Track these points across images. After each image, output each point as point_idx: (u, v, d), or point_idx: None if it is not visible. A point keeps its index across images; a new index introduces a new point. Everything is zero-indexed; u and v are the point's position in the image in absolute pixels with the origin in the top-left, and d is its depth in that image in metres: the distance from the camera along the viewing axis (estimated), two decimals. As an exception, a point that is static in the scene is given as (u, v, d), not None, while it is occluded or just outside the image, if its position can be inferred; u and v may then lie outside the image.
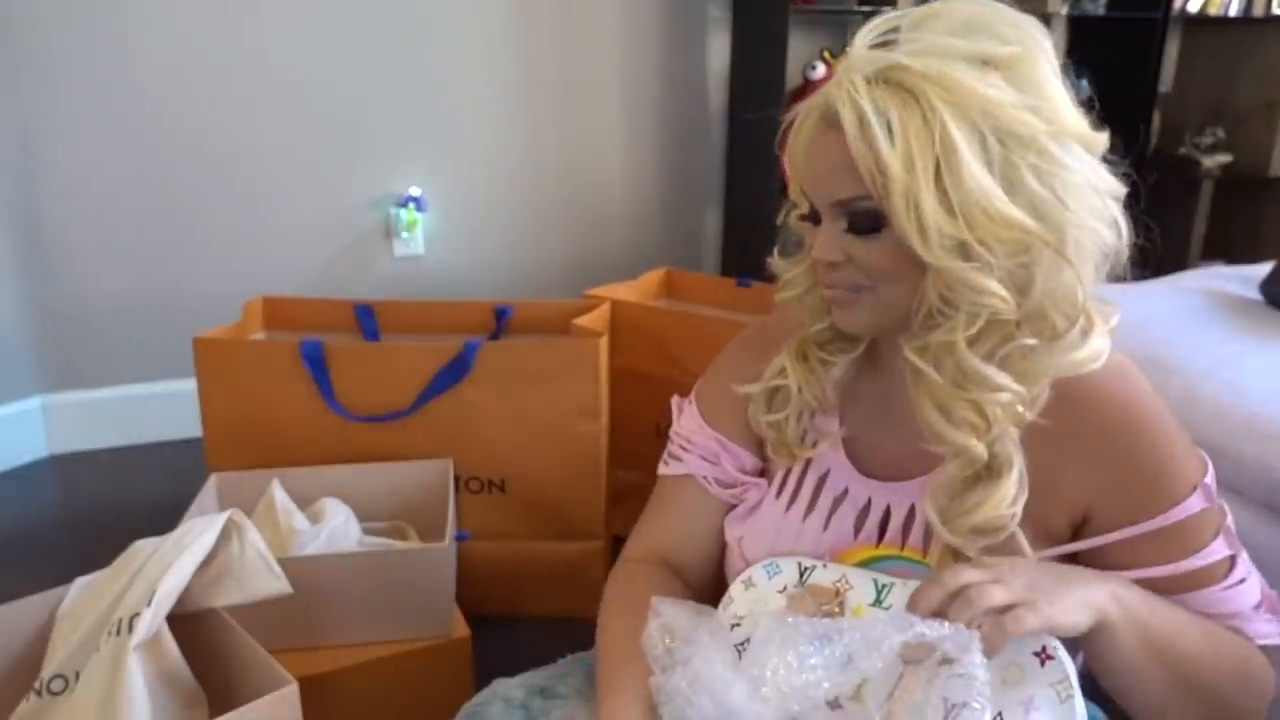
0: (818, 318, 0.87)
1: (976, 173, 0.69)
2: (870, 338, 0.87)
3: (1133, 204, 0.76)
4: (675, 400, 0.99)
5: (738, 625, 0.77)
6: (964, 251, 0.71)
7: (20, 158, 2.20)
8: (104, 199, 2.29)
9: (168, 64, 2.27)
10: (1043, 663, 0.68)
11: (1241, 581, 0.78)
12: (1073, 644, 0.72)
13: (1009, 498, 0.75)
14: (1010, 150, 0.70)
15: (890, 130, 0.70)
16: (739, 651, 0.74)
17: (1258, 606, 0.79)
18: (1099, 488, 0.77)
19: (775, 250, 0.90)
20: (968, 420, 0.75)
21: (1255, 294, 1.80)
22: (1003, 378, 0.74)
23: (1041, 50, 0.73)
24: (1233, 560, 0.78)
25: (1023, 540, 0.76)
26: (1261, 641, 0.79)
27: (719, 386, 0.94)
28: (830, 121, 0.74)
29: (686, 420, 0.96)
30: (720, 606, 0.84)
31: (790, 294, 0.88)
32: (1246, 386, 1.41)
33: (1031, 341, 0.74)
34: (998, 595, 0.67)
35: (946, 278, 0.72)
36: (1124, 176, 0.76)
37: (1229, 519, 0.79)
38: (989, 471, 0.76)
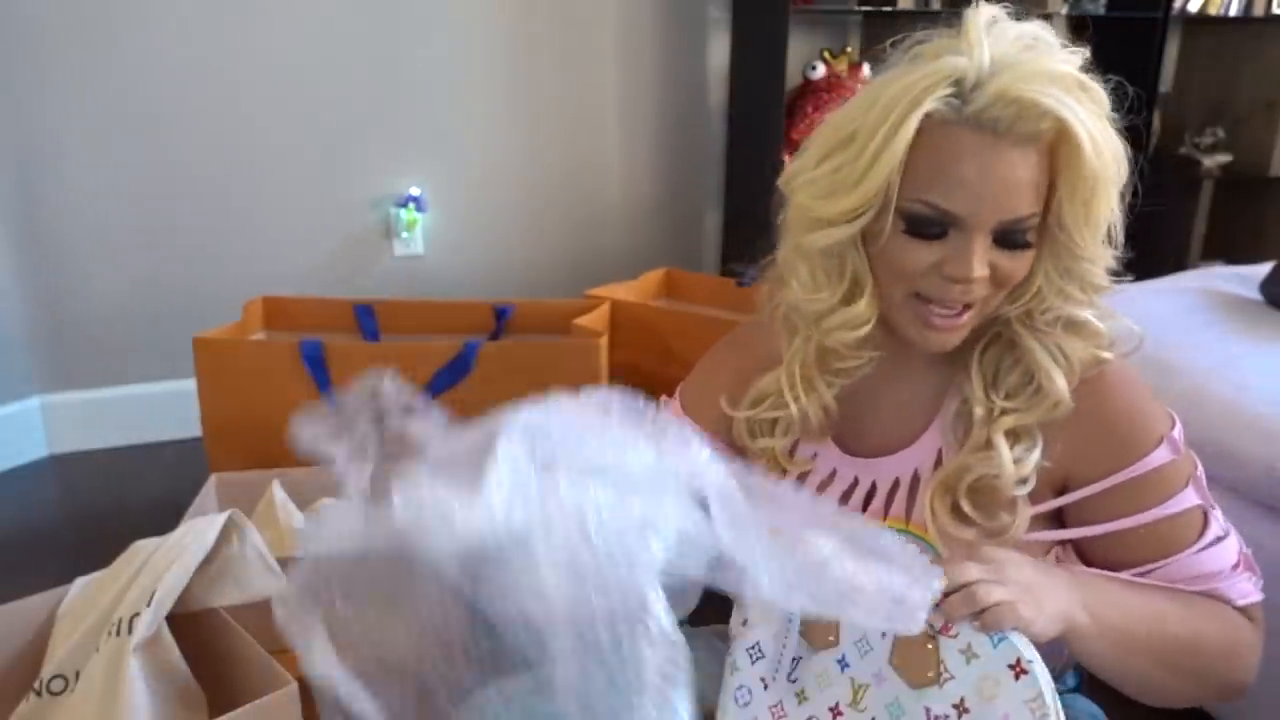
0: (860, 348, 0.83)
1: (1121, 176, 0.75)
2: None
3: (1133, 204, 0.78)
4: (663, 399, 0.99)
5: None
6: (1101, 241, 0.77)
7: (20, 158, 2.20)
8: (104, 199, 2.29)
9: (168, 64, 2.26)
10: (1017, 676, 0.68)
11: (1218, 540, 0.80)
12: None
13: (1038, 453, 0.79)
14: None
15: (1100, 135, 0.72)
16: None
17: (1235, 566, 0.81)
18: (1075, 450, 0.80)
19: (795, 286, 0.83)
20: (1073, 372, 0.79)
21: (1255, 294, 1.80)
22: (1097, 330, 0.80)
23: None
24: (1205, 515, 0.80)
25: (1025, 504, 0.80)
26: (1242, 601, 0.80)
27: (700, 390, 0.95)
28: (1015, 135, 0.71)
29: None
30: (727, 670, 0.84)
31: (856, 334, 0.81)
32: (1247, 386, 1.41)
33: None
34: (996, 594, 0.68)
35: (1083, 265, 0.77)
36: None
37: (1199, 470, 0.81)
38: (1035, 428, 0.80)
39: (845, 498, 0.87)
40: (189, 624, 1.02)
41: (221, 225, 2.40)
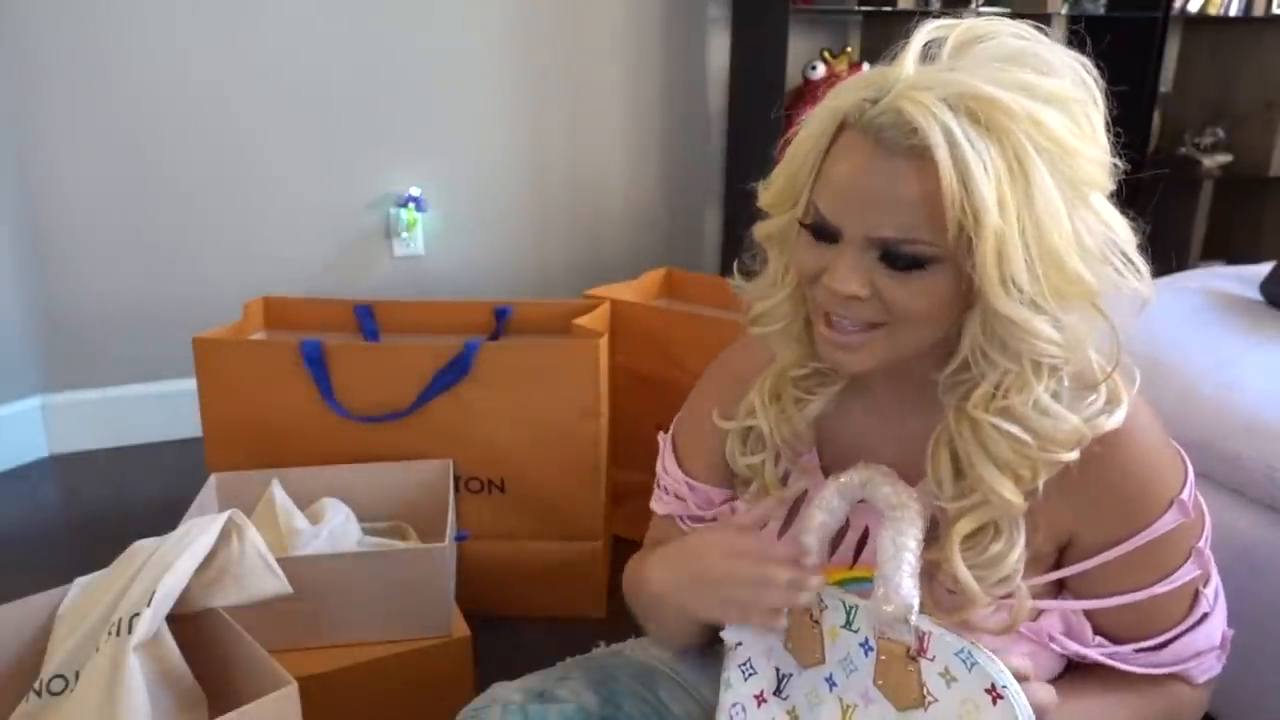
0: (799, 356, 0.80)
1: (1061, 225, 0.65)
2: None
3: (1132, 203, 0.76)
4: (660, 436, 0.97)
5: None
6: (1034, 304, 0.66)
7: (20, 158, 2.20)
8: (104, 199, 2.29)
9: (168, 64, 2.27)
10: (994, 701, 0.68)
11: (1204, 619, 0.78)
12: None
13: (1021, 545, 0.73)
14: (1078, 202, 0.67)
15: (986, 170, 0.63)
16: None
17: (1212, 651, 0.80)
18: (1081, 512, 0.76)
19: (735, 269, 0.83)
20: (1017, 473, 0.71)
21: (1255, 294, 1.79)
22: (1069, 428, 0.70)
23: (1098, 97, 0.70)
24: (1196, 594, 0.78)
25: (1022, 588, 0.75)
26: (1203, 678, 0.80)
27: (691, 425, 0.93)
28: (894, 148, 0.66)
29: (665, 458, 0.95)
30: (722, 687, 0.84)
31: (769, 328, 0.80)
32: (1246, 386, 1.41)
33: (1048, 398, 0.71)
34: None
35: (1009, 326, 0.67)
36: (1123, 175, 0.74)
37: (1206, 529, 0.79)
38: (1007, 522, 0.73)
39: (837, 541, 0.82)
40: (189, 624, 1.02)
41: (222, 225, 2.40)
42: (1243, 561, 1.33)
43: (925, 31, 0.70)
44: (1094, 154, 0.68)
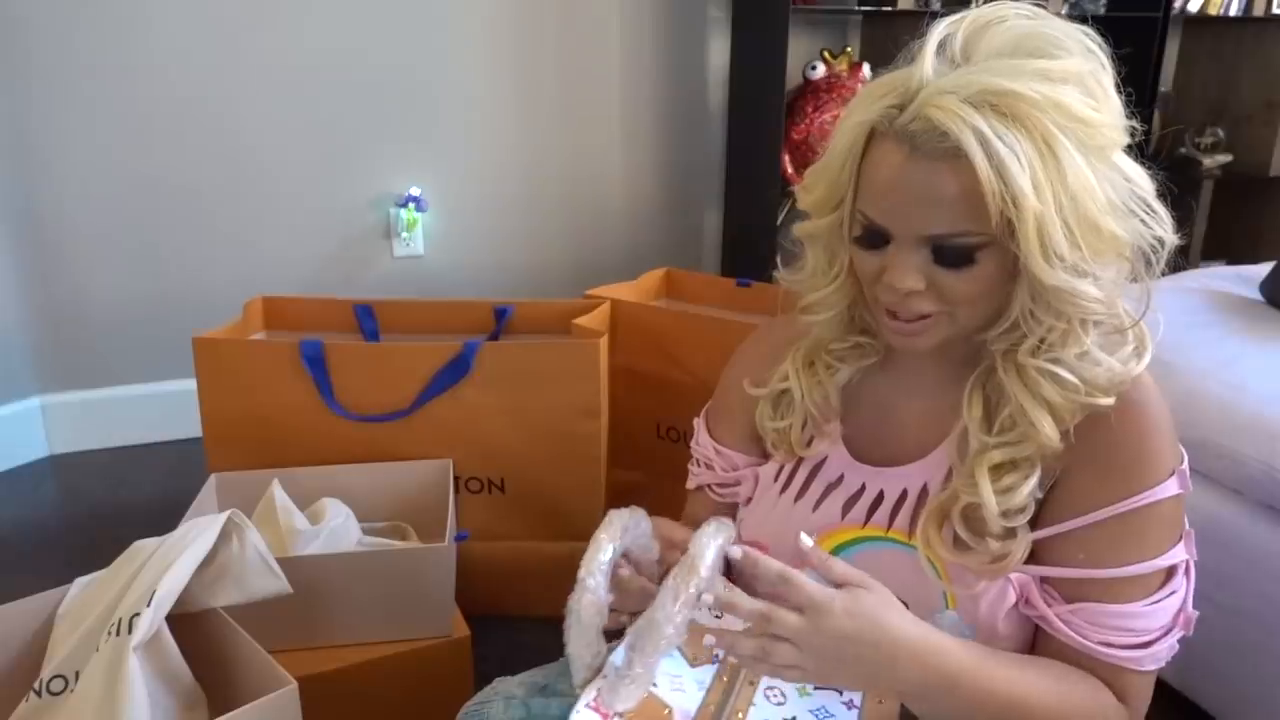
0: (844, 334, 0.87)
1: (1094, 193, 0.70)
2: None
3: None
4: (695, 420, 1.03)
5: None
6: (1076, 269, 0.72)
7: (20, 158, 2.20)
8: (104, 199, 2.29)
9: (168, 64, 2.27)
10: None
11: (1171, 595, 0.77)
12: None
13: (1035, 479, 0.77)
14: (1101, 165, 0.72)
15: (1019, 160, 0.68)
16: None
17: (1167, 629, 0.77)
18: (1080, 460, 0.77)
19: (779, 262, 0.90)
20: (1058, 415, 0.76)
21: (1255, 294, 1.80)
22: (1109, 374, 0.75)
23: (1105, 61, 0.74)
24: (1172, 570, 0.77)
25: (1025, 532, 0.77)
26: (1147, 668, 0.77)
27: (721, 395, 0.99)
28: (930, 152, 0.70)
29: (698, 434, 1.01)
30: None
31: (822, 316, 0.86)
32: (1247, 386, 1.41)
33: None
34: (782, 657, 0.70)
35: (1056, 293, 0.72)
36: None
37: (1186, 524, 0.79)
38: (1027, 459, 0.77)
39: (851, 503, 0.87)
40: (189, 624, 1.02)
41: (222, 225, 2.40)
42: (1242, 561, 1.33)
43: (938, 31, 0.73)
44: (1112, 119, 0.72)
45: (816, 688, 0.80)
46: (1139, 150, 0.77)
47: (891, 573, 0.77)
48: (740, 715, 0.78)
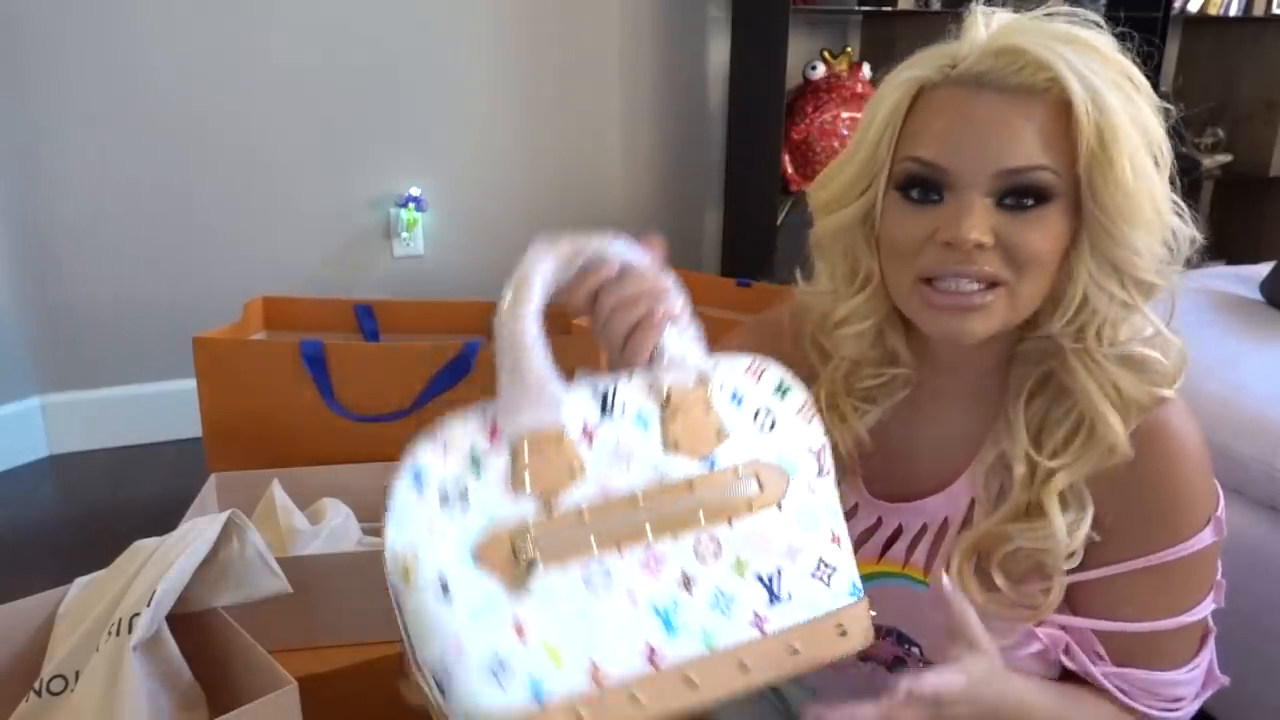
0: (875, 362, 0.78)
1: (1155, 173, 0.69)
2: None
3: None
4: None
5: None
6: (1156, 211, 0.70)
7: (20, 158, 2.20)
8: (104, 199, 2.29)
9: (168, 64, 2.27)
10: (758, 377, 0.67)
11: (1207, 657, 0.77)
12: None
13: (1090, 517, 0.72)
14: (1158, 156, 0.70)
15: (1116, 87, 0.67)
16: None
17: (1200, 693, 0.78)
18: (1117, 505, 0.73)
19: (797, 273, 0.81)
20: (1124, 413, 0.71)
21: (1255, 294, 1.79)
22: (1176, 352, 0.74)
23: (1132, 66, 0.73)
24: (1204, 637, 0.77)
25: (1062, 577, 0.73)
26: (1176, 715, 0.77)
27: None
28: (1002, 85, 0.66)
29: None
30: None
31: (854, 329, 0.76)
32: (1247, 386, 1.41)
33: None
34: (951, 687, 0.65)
35: (1127, 254, 0.69)
36: None
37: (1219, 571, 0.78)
38: (1075, 494, 0.72)
39: (866, 536, 0.81)
40: (189, 624, 1.01)
41: (221, 225, 2.40)
42: (1243, 561, 1.33)
43: (977, 9, 0.71)
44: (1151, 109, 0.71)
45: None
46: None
47: (903, 611, 0.75)
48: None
